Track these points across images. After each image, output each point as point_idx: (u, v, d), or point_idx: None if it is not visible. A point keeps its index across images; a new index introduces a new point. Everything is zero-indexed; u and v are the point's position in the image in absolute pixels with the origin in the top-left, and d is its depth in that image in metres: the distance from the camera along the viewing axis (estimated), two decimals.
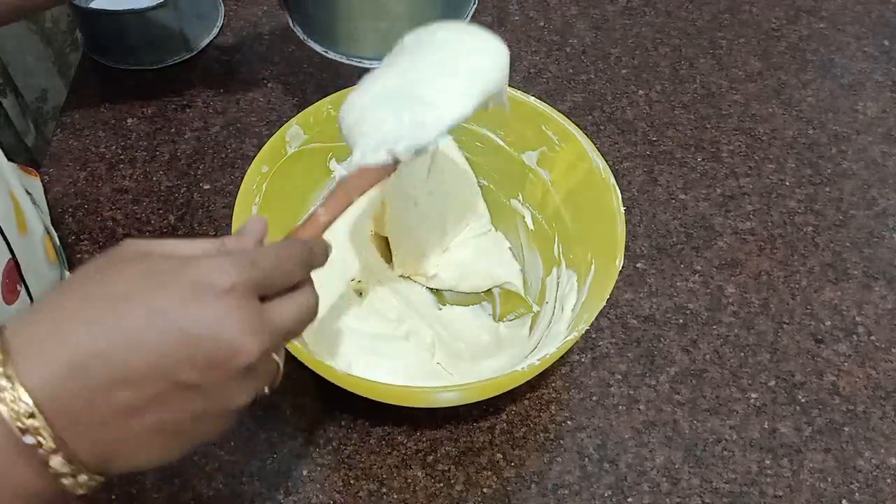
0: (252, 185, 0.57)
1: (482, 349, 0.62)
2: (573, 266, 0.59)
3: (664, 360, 0.62)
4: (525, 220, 0.65)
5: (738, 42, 0.86)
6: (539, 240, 0.65)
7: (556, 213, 0.62)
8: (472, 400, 0.57)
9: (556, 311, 0.59)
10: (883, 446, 0.58)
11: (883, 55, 0.84)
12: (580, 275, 0.58)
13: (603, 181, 0.56)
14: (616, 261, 0.52)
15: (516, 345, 0.61)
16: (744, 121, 0.78)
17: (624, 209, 0.54)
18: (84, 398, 0.31)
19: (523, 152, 0.63)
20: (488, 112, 0.62)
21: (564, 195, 0.61)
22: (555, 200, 0.62)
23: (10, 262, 0.52)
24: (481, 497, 0.55)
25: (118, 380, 0.31)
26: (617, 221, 0.53)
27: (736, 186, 0.73)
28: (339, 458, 0.57)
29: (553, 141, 0.60)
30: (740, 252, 0.69)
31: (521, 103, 0.60)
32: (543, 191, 0.63)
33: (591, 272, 0.56)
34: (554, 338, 0.55)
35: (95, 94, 0.80)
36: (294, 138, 0.60)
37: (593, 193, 0.57)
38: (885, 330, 0.64)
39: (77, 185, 0.73)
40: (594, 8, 0.89)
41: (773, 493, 0.56)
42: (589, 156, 0.57)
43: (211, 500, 0.55)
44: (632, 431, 0.58)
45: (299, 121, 0.60)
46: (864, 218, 0.71)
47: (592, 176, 0.57)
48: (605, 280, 0.52)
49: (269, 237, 0.40)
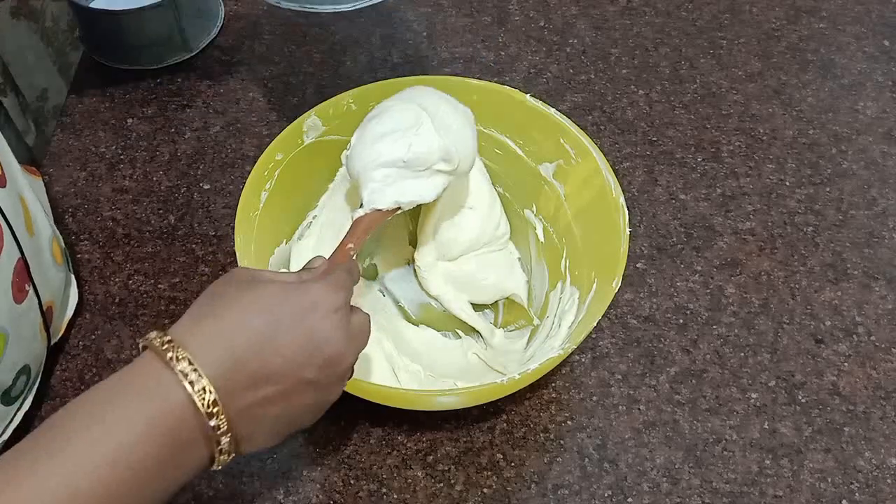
0: (264, 171, 0.56)
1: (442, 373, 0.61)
2: (577, 283, 0.59)
3: (664, 360, 0.62)
4: (536, 232, 0.65)
5: (739, 42, 0.86)
6: (548, 253, 0.64)
7: (568, 227, 0.61)
8: (470, 404, 0.57)
9: (553, 327, 0.58)
10: (883, 446, 0.58)
11: (883, 55, 0.84)
12: (582, 292, 0.57)
13: (613, 200, 0.55)
14: (613, 282, 0.51)
15: (510, 356, 0.61)
16: (744, 121, 0.78)
17: (628, 212, 0.54)
18: (241, 388, 0.38)
19: (540, 163, 0.63)
20: (509, 119, 0.62)
21: (576, 210, 0.61)
22: (567, 215, 0.62)
23: (20, 261, 0.52)
24: (481, 497, 0.55)
25: (263, 375, 0.38)
26: (621, 242, 0.53)
27: (736, 186, 0.73)
28: (339, 458, 0.57)
29: (570, 155, 0.60)
30: (740, 252, 0.69)
31: (543, 115, 0.60)
32: (557, 204, 0.62)
33: (592, 291, 0.55)
34: (546, 353, 0.55)
35: (95, 94, 0.80)
36: (311, 129, 0.60)
37: (603, 212, 0.56)
38: (885, 330, 0.64)
39: (77, 185, 0.73)
40: (594, 8, 0.89)
41: (773, 493, 0.56)
42: (602, 173, 0.56)
43: (211, 500, 0.55)
44: (632, 431, 0.58)
45: (318, 112, 0.60)
46: (864, 218, 0.71)
47: (603, 194, 0.56)
48: (602, 300, 0.52)
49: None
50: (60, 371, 0.61)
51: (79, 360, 0.61)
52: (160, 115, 0.78)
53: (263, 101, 0.79)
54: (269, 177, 0.57)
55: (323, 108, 0.60)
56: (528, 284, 0.65)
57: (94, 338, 0.63)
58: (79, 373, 0.61)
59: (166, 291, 0.65)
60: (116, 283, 0.66)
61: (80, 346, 0.62)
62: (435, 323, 0.64)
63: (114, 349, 0.62)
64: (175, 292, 0.65)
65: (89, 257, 0.68)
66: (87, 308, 0.64)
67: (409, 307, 0.65)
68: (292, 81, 0.81)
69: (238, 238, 0.54)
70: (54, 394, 0.60)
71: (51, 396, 0.59)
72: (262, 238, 0.58)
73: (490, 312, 0.65)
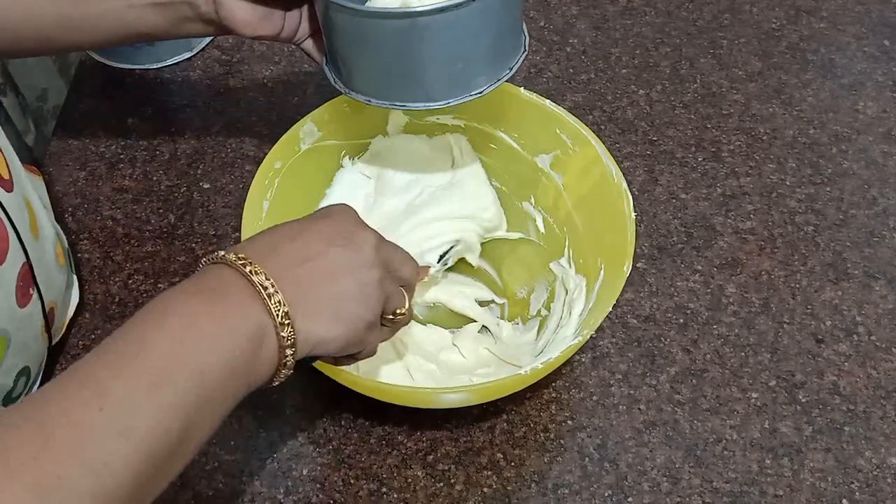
0: (264, 181, 0.56)
1: (451, 370, 0.61)
2: (582, 271, 0.59)
3: (664, 359, 0.62)
4: (536, 224, 0.65)
5: (739, 42, 0.86)
6: (549, 243, 0.64)
7: (568, 217, 0.61)
8: (476, 402, 0.57)
9: (563, 316, 0.58)
10: (883, 446, 0.58)
11: (883, 55, 0.84)
12: (589, 280, 0.57)
13: (615, 186, 0.55)
14: (623, 266, 0.51)
15: (522, 348, 0.61)
16: (744, 120, 0.78)
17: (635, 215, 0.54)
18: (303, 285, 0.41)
19: (537, 155, 0.63)
20: (503, 113, 0.62)
21: (576, 199, 0.61)
22: (567, 204, 0.61)
23: (25, 265, 0.52)
24: (481, 497, 0.55)
25: (307, 256, 0.42)
26: (627, 226, 0.53)
27: (736, 186, 0.73)
28: (339, 457, 0.57)
29: (567, 144, 0.59)
30: (741, 252, 0.69)
31: (537, 106, 0.60)
32: (556, 195, 0.62)
33: (601, 278, 0.55)
34: (560, 342, 0.55)
35: (95, 94, 0.80)
36: (308, 135, 0.60)
37: (605, 198, 0.56)
38: (885, 330, 0.64)
39: (77, 185, 0.73)
40: (594, 8, 0.89)
41: (773, 493, 0.56)
42: (602, 160, 0.56)
43: (211, 499, 0.55)
44: (632, 431, 0.58)
45: (314, 118, 0.60)
46: (864, 218, 0.71)
47: (605, 181, 0.56)
48: (613, 286, 0.51)
49: None
50: (60, 371, 0.61)
51: None
52: (160, 115, 0.78)
53: (263, 101, 0.79)
54: (270, 185, 0.57)
55: (318, 113, 0.60)
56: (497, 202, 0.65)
57: (94, 338, 0.63)
58: None
59: None
60: (116, 283, 0.66)
61: (80, 346, 0.62)
62: (442, 322, 0.64)
63: None
64: None
65: (89, 257, 0.68)
66: (87, 308, 0.64)
67: (416, 308, 0.66)
68: (292, 81, 0.81)
69: (244, 235, 0.53)
70: None
71: None
72: None
73: (496, 307, 0.65)
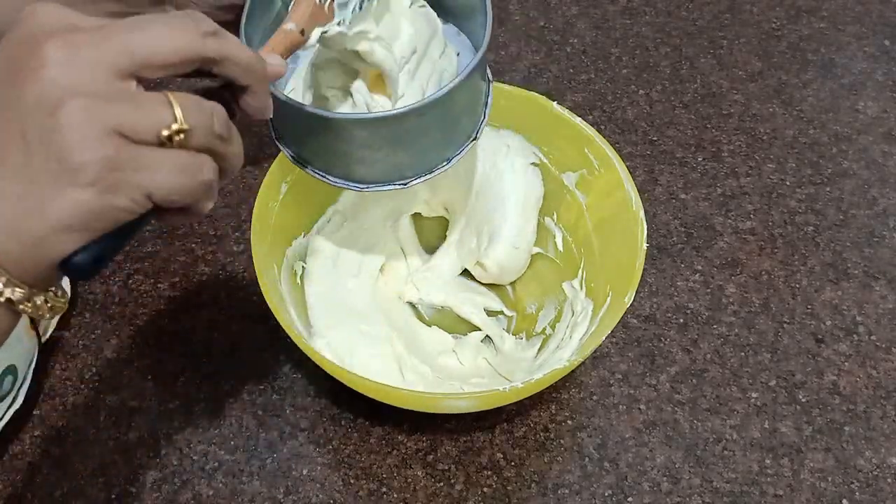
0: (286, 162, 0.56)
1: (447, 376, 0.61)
2: (591, 295, 0.58)
3: (664, 359, 0.62)
4: (556, 241, 0.64)
5: (739, 42, 0.86)
6: (565, 263, 0.64)
7: (587, 238, 0.61)
8: (476, 409, 0.56)
9: (564, 338, 0.58)
10: (883, 446, 0.58)
11: (883, 55, 0.84)
12: (596, 305, 0.57)
13: (633, 213, 0.54)
14: (626, 297, 0.51)
15: (520, 364, 0.60)
16: (744, 120, 0.78)
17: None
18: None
19: (564, 172, 0.62)
20: (534, 127, 0.62)
21: (597, 221, 0.60)
22: (587, 225, 0.61)
23: None
24: (481, 497, 0.55)
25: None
26: (638, 255, 0.52)
27: (736, 186, 0.73)
28: (339, 457, 0.57)
29: (594, 165, 0.59)
30: (741, 252, 0.69)
31: (569, 124, 0.59)
32: (578, 214, 0.62)
33: (606, 305, 0.55)
34: (554, 363, 0.54)
35: None
36: None
37: (622, 225, 0.55)
38: (885, 330, 0.64)
39: None
40: (594, 8, 0.89)
41: (773, 493, 0.56)
42: (624, 186, 0.56)
43: (211, 499, 0.55)
44: (632, 431, 0.58)
45: None
46: (864, 218, 0.71)
47: (624, 207, 0.55)
48: (614, 315, 0.51)
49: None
50: (60, 371, 0.61)
51: (79, 360, 0.61)
52: None
53: None
54: (292, 169, 0.56)
55: None
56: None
57: (94, 337, 0.63)
58: (79, 372, 0.61)
59: (166, 291, 0.65)
60: (116, 283, 0.66)
61: (79, 346, 0.62)
62: (448, 326, 0.64)
63: (114, 349, 0.62)
64: (175, 292, 0.65)
65: None
66: (87, 308, 0.64)
67: (422, 308, 0.66)
68: None
69: (255, 224, 0.53)
70: (55, 393, 0.60)
71: (51, 396, 0.59)
72: (279, 228, 0.58)
73: (503, 319, 0.65)
